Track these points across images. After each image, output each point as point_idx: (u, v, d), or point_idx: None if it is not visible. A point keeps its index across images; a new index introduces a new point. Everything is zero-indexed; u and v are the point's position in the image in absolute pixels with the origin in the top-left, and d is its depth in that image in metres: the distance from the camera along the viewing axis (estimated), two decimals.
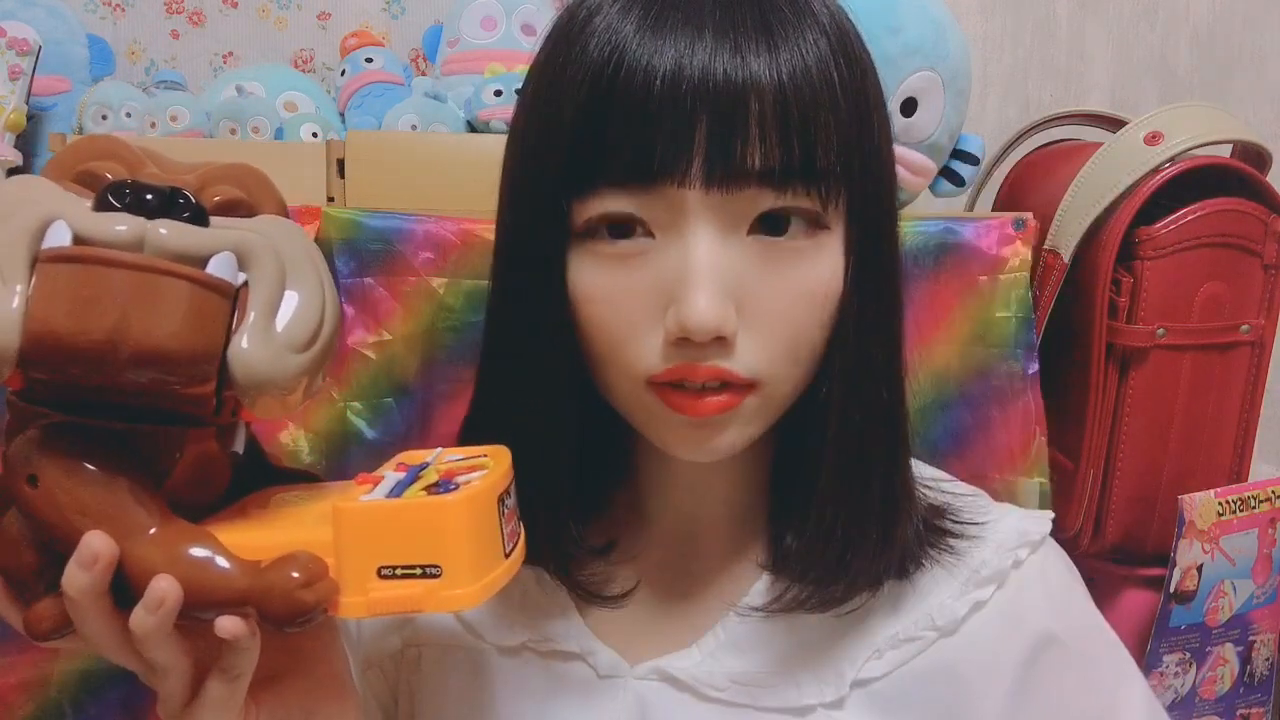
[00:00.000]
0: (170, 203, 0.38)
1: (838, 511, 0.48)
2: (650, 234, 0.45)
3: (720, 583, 0.54)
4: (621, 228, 0.45)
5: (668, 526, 0.56)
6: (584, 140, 0.44)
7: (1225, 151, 0.85)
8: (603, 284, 0.46)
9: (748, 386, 0.46)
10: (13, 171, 0.85)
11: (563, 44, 0.46)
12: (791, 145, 0.43)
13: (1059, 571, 0.56)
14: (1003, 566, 0.52)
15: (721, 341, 0.44)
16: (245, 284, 0.39)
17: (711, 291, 0.43)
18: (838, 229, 0.46)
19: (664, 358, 0.45)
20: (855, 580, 0.49)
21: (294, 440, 0.75)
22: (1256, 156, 0.84)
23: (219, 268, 0.38)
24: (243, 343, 0.38)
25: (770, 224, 0.45)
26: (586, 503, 0.54)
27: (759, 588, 0.53)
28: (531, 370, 0.49)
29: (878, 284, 0.48)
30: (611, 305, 0.46)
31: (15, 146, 0.85)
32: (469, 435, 0.54)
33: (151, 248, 0.37)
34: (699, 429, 0.47)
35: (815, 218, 0.45)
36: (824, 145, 0.44)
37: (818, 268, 0.46)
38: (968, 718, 0.51)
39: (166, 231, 0.37)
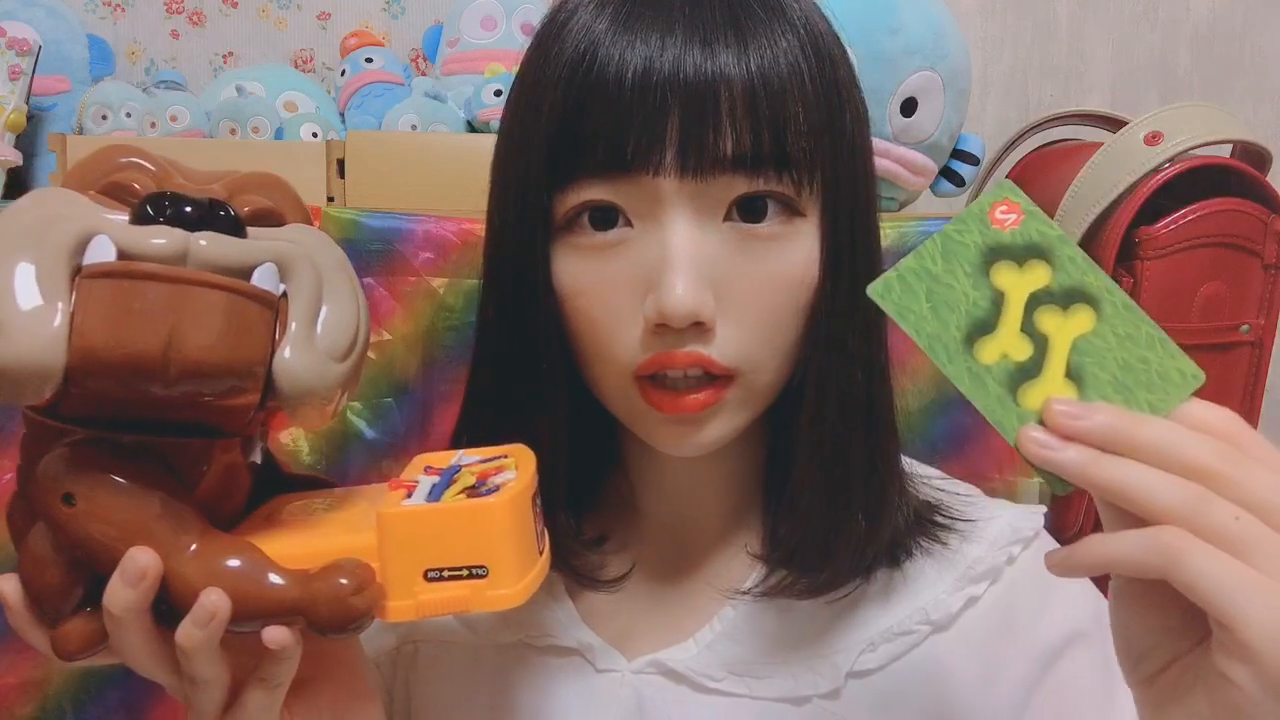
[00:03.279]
0: (210, 214, 0.38)
1: (818, 496, 0.49)
2: (629, 223, 0.46)
3: (715, 574, 0.55)
4: (602, 216, 0.46)
5: (660, 518, 0.56)
6: (562, 133, 0.46)
7: (1225, 151, 0.85)
8: (585, 276, 0.47)
9: (727, 378, 0.47)
10: (13, 172, 0.85)
11: (542, 46, 0.48)
12: (762, 133, 0.44)
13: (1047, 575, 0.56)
14: (996, 563, 0.53)
15: (700, 328, 0.45)
16: (284, 294, 0.39)
17: (689, 277, 0.44)
18: (813, 217, 0.47)
19: (644, 347, 0.46)
20: (841, 565, 0.50)
21: (294, 440, 0.75)
22: (1256, 156, 0.84)
23: (263, 279, 0.38)
24: (286, 353, 0.38)
25: (746, 210, 0.46)
26: (578, 495, 0.54)
27: (754, 578, 0.53)
28: (522, 366, 0.50)
29: (854, 272, 0.48)
30: (594, 297, 0.47)
31: (15, 146, 0.85)
32: (463, 432, 0.54)
33: (194, 260, 0.36)
34: (681, 425, 0.48)
35: (790, 203, 0.46)
36: (794, 133, 0.45)
37: (794, 254, 0.47)
38: (962, 718, 0.51)
39: (209, 244, 0.37)
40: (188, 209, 0.37)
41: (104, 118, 0.85)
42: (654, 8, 0.45)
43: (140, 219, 0.37)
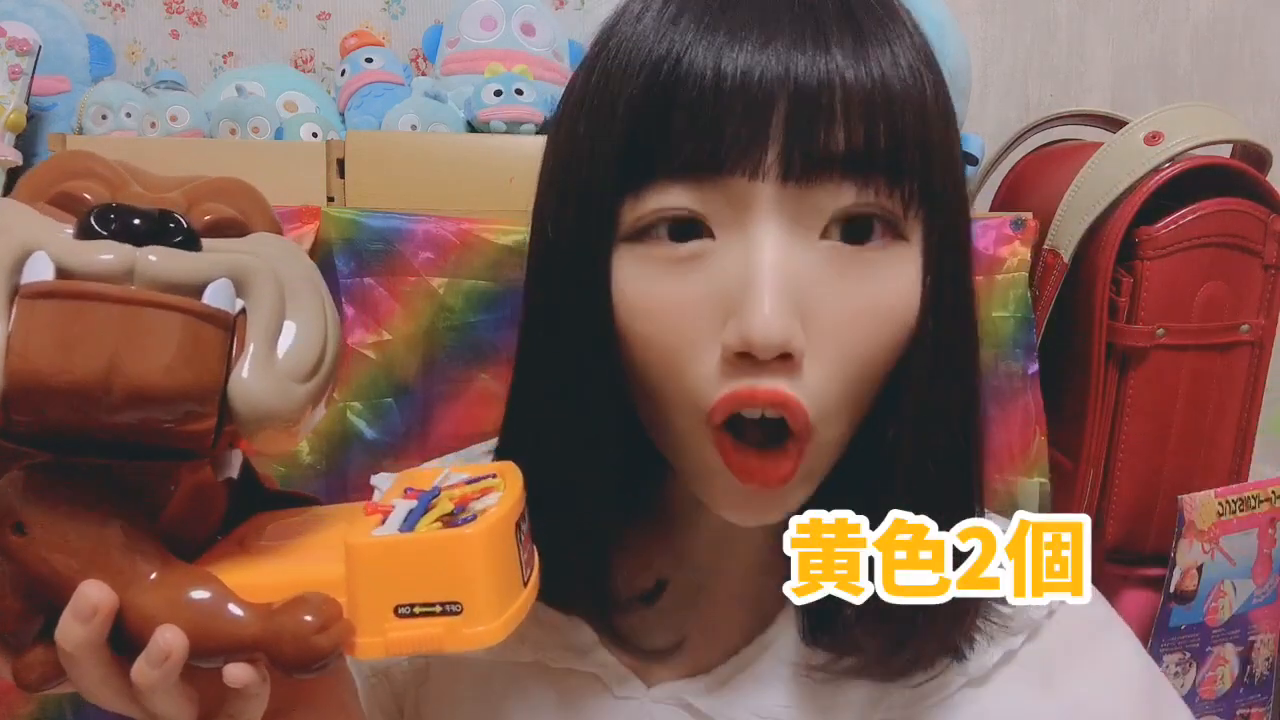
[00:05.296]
0: (160, 227, 0.35)
1: None
2: (710, 234, 0.40)
3: (746, 607, 0.51)
4: (682, 229, 0.40)
5: (697, 549, 0.52)
6: (642, 129, 0.40)
7: (1225, 151, 0.85)
8: (653, 293, 0.41)
9: (802, 438, 0.41)
10: (12, 172, 0.85)
11: (614, 39, 0.43)
12: (877, 132, 0.39)
13: (1091, 623, 0.51)
14: (1035, 616, 0.49)
15: (787, 361, 0.39)
16: (242, 311, 0.36)
17: (777, 298, 0.38)
18: (915, 242, 0.41)
19: (722, 378, 0.40)
20: (923, 650, 0.45)
21: None
22: (1256, 156, 0.84)
23: (215, 296, 0.35)
24: (243, 374, 0.35)
25: (848, 230, 0.40)
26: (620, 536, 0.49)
27: (788, 644, 0.49)
28: (572, 396, 0.44)
29: (956, 309, 0.43)
30: (663, 319, 0.41)
31: (15, 146, 0.85)
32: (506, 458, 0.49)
33: (141, 277, 0.34)
34: (758, 497, 0.43)
35: (894, 223, 0.41)
36: (911, 142, 0.40)
37: (896, 281, 0.41)
38: None
39: (157, 259, 0.34)
40: (135, 221, 0.35)
41: (104, 118, 0.85)
42: (753, 5, 0.40)
43: (85, 233, 0.35)
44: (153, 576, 0.36)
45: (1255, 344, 0.83)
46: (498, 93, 0.88)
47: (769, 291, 0.38)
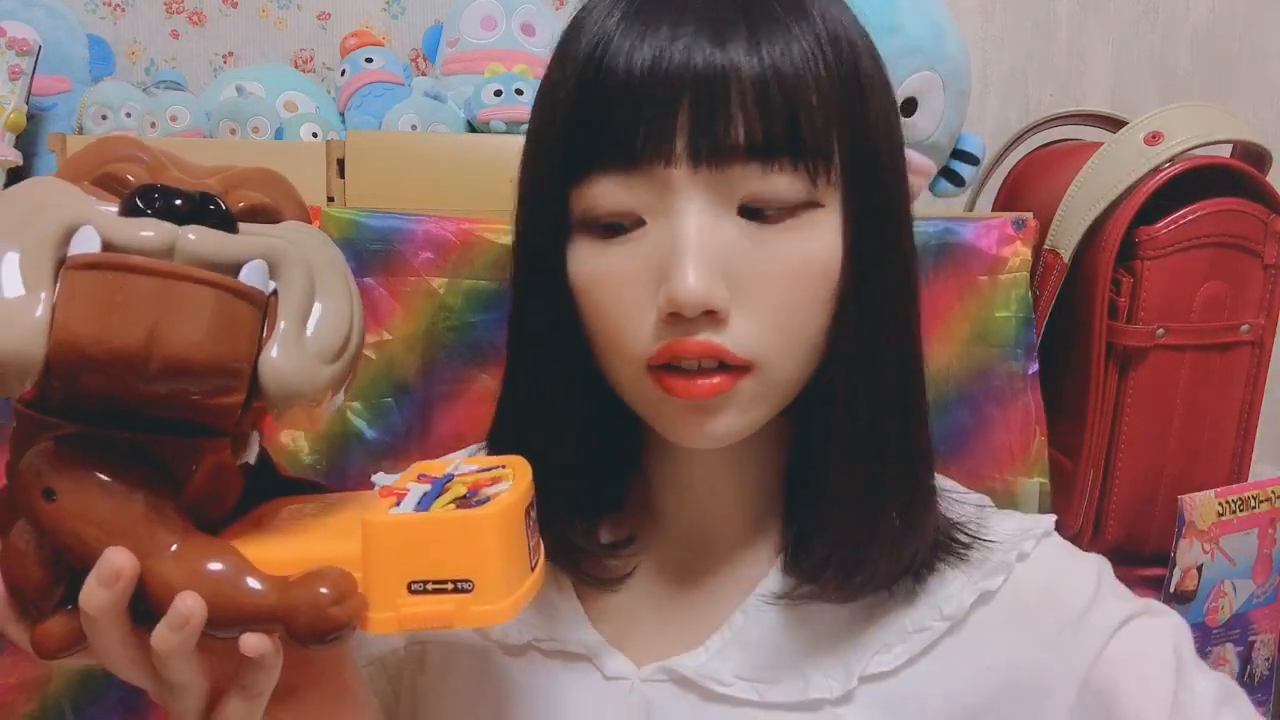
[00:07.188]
0: (200, 208, 0.37)
1: (851, 500, 0.48)
2: (642, 221, 0.46)
3: (731, 580, 0.54)
4: (620, 219, 0.46)
5: (680, 523, 0.55)
6: (576, 129, 0.46)
7: (1225, 151, 0.85)
8: (599, 269, 0.47)
9: (743, 368, 0.46)
10: (13, 172, 0.85)
11: (562, 46, 0.48)
12: (774, 122, 0.44)
13: (1064, 560, 0.54)
14: (1007, 559, 0.52)
15: (713, 317, 0.44)
16: (274, 292, 0.38)
17: (699, 265, 0.43)
18: (833, 207, 0.46)
19: (657, 336, 0.45)
20: (875, 571, 0.49)
21: (294, 440, 0.75)
22: (1256, 156, 0.84)
23: (251, 276, 0.37)
24: (273, 352, 0.37)
25: (757, 208, 0.45)
26: (600, 500, 0.54)
27: (771, 583, 0.53)
28: (543, 365, 0.50)
29: (882, 266, 0.48)
30: (607, 291, 0.47)
31: (15, 146, 0.85)
32: (495, 439, 0.54)
33: (182, 255, 0.36)
34: (695, 412, 0.47)
35: (806, 194, 0.46)
36: (809, 122, 0.44)
37: (811, 244, 0.46)
38: None
39: (197, 238, 0.36)
40: (177, 202, 0.37)
41: (104, 118, 0.85)
42: (665, 3, 0.45)
43: (129, 211, 0.36)
44: (174, 547, 0.38)
45: (1255, 344, 0.83)
46: (498, 93, 0.88)
47: (691, 259, 0.43)
